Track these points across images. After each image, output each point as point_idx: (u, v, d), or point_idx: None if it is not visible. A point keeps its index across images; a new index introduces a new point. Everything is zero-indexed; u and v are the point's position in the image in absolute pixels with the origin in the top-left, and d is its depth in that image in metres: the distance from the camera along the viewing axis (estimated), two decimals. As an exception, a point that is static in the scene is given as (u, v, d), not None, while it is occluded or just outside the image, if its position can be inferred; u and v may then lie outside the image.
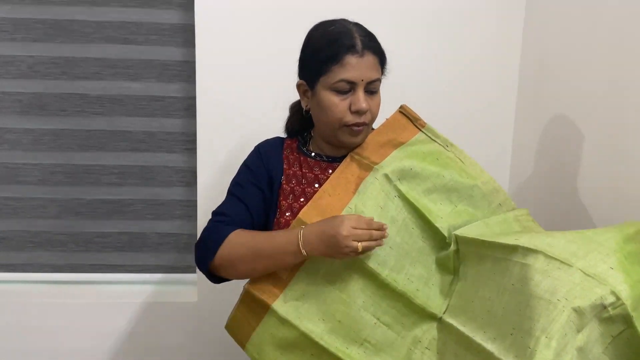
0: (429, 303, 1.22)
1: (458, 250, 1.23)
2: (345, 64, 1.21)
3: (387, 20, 1.88)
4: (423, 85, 1.94)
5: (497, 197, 1.32)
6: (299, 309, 1.22)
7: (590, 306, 0.96)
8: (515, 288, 1.06)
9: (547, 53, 1.78)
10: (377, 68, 1.24)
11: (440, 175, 1.29)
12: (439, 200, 1.28)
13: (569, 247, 1.05)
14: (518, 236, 1.14)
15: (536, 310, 0.99)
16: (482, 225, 1.25)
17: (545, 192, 1.75)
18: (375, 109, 1.27)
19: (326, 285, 1.22)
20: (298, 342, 1.22)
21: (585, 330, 0.97)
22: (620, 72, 1.41)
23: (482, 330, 1.09)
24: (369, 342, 1.21)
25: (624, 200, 1.38)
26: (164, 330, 2.06)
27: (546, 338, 0.96)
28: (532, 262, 1.05)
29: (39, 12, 1.93)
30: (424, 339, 1.21)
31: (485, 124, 1.98)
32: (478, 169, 1.34)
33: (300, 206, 1.29)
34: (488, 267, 1.15)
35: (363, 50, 1.21)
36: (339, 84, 1.22)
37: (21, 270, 2.10)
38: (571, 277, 0.99)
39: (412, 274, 1.23)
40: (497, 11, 1.92)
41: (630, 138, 1.37)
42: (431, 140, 1.35)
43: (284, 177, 1.33)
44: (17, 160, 2.03)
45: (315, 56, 1.25)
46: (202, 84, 1.89)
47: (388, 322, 1.21)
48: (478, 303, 1.14)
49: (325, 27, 1.27)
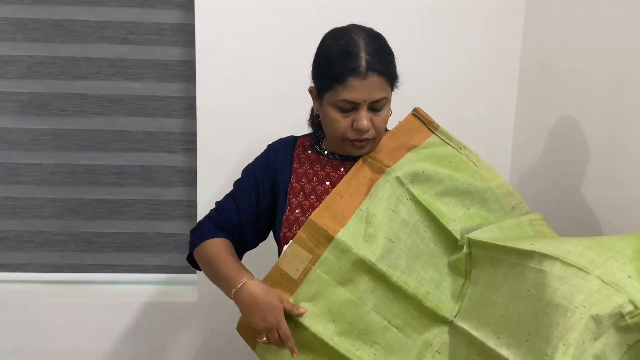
0: (440, 306, 1.21)
1: (470, 254, 1.22)
2: (347, 86, 1.20)
3: (387, 20, 1.87)
4: (423, 85, 1.93)
5: (511, 200, 1.31)
6: (310, 310, 1.23)
7: (608, 315, 0.95)
8: (531, 294, 1.05)
9: (547, 53, 1.78)
10: (382, 88, 1.22)
11: (453, 178, 1.28)
12: (451, 203, 1.28)
13: (586, 254, 1.04)
14: (533, 241, 1.13)
15: (554, 318, 0.98)
16: (495, 229, 1.24)
17: (546, 192, 1.75)
18: (380, 124, 1.26)
19: (337, 287, 1.22)
20: (308, 343, 1.23)
21: (602, 339, 0.96)
22: (620, 72, 1.40)
23: (496, 336, 1.09)
24: (379, 345, 1.21)
25: (624, 200, 1.38)
26: (164, 330, 2.06)
27: (564, 345, 0.95)
28: (548, 269, 1.04)
29: (39, 12, 1.93)
30: (434, 343, 1.21)
31: (485, 124, 1.98)
32: (492, 172, 1.33)
33: (310, 203, 1.31)
34: (501, 271, 1.14)
35: (367, 72, 1.19)
36: (341, 103, 1.22)
37: (21, 270, 2.10)
38: (589, 285, 0.98)
39: (423, 277, 1.23)
40: (497, 11, 1.92)
41: (630, 138, 1.37)
42: (445, 143, 1.34)
43: (293, 176, 1.35)
44: (17, 160, 2.02)
45: (321, 71, 1.26)
46: (202, 84, 1.89)
47: (399, 325, 1.21)
48: (491, 308, 1.13)
49: (335, 39, 1.25)
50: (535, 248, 1.08)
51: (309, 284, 1.23)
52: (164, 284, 2.13)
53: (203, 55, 1.87)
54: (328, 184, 1.33)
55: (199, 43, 1.87)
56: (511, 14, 1.92)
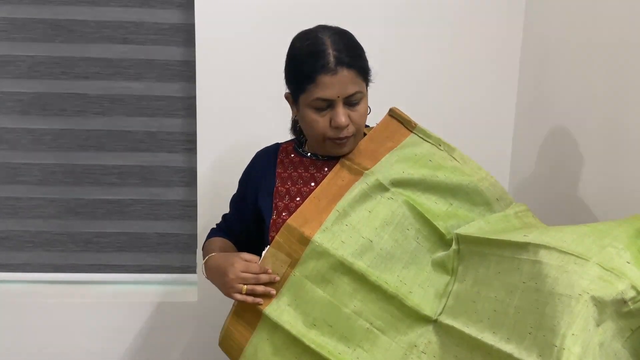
0: (423, 305, 1.19)
1: (459, 250, 1.21)
2: (319, 83, 1.20)
3: (387, 20, 1.88)
4: (423, 85, 1.94)
5: (494, 193, 1.30)
6: (291, 314, 1.22)
7: (611, 301, 0.95)
8: (528, 286, 1.04)
9: (547, 53, 1.78)
10: (354, 81, 1.22)
11: (433, 176, 1.27)
12: (434, 199, 1.27)
13: (583, 241, 1.03)
14: (526, 232, 1.12)
15: (558, 308, 0.97)
16: (483, 223, 1.23)
17: (545, 191, 1.75)
18: (359, 119, 1.26)
19: (316, 290, 1.21)
20: (291, 348, 1.21)
21: (604, 325, 0.96)
22: (620, 72, 1.40)
23: (491, 331, 1.08)
24: (362, 348, 1.19)
25: (624, 200, 1.38)
26: (164, 330, 2.06)
27: (573, 335, 0.94)
28: (545, 259, 1.03)
29: (39, 12, 1.93)
30: (419, 343, 1.19)
31: (485, 124, 1.98)
32: (473, 165, 1.32)
33: (296, 205, 1.31)
34: (492, 266, 1.13)
35: (336, 67, 1.19)
36: (316, 102, 1.23)
37: (21, 270, 2.10)
38: (590, 271, 0.97)
39: (405, 275, 1.21)
40: (497, 11, 1.92)
41: (630, 138, 1.37)
42: (423, 141, 1.33)
43: (278, 180, 1.36)
44: (17, 160, 2.02)
45: (292, 75, 1.27)
46: (202, 84, 1.89)
47: (381, 327, 1.20)
48: (482, 303, 1.12)
49: (301, 42, 1.26)
50: (529, 239, 1.08)
51: (289, 288, 1.22)
52: (164, 284, 2.13)
53: (203, 55, 1.87)
54: (313, 184, 1.33)
55: (199, 43, 1.87)
56: (511, 14, 1.92)
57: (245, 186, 1.44)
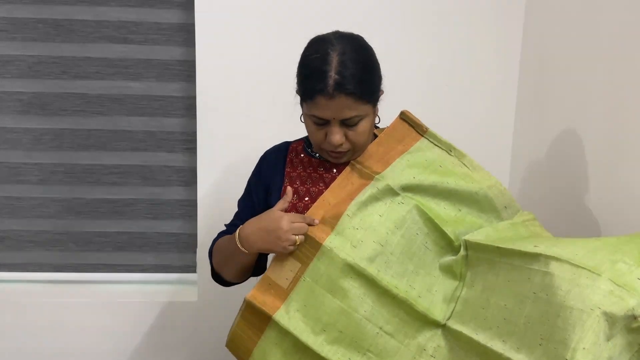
0: (432, 310, 1.20)
1: (467, 256, 1.21)
2: (316, 103, 1.19)
3: (387, 21, 1.88)
4: (423, 86, 1.94)
5: (502, 200, 1.30)
6: (300, 320, 1.21)
7: (622, 316, 0.96)
8: (539, 297, 1.05)
9: (547, 53, 1.78)
10: (352, 107, 1.19)
11: (443, 182, 1.27)
12: (443, 205, 1.27)
13: (595, 256, 1.04)
14: (536, 242, 1.12)
15: (569, 321, 0.98)
16: (492, 231, 1.23)
17: (545, 192, 1.75)
18: (356, 138, 1.24)
19: (326, 295, 1.20)
20: (300, 354, 1.21)
21: (614, 339, 0.97)
22: (620, 72, 1.40)
23: (501, 339, 1.08)
24: (371, 352, 1.20)
25: (624, 200, 1.38)
26: (164, 330, 2.06)
27: (584, 349, 0.95)
28: (556, 271, 1.03)
29: (39, 12, 1.93)
30: (428, 347, 1.20)
31: (485, 124, 1.98)
32: (484, 173, 1.32)
33: (304, 205, 1.31)
34: (502, 274, 1.14)
35: (334, 92, 1.16)
36: (313, 118, 1.23)
37: (21, 270, 2.10)
38: (602, 286, 0.98)
39: (414, 280, 1.21)
40: (497, 11, 1.92)
41: (630, 138, 1.37)
42: (434, 146, 1.32)
43: (287, 180, 1.35)
44: (17, 160, 2.03)
45: (298, 82, 1.26)
46: (202, 84, 1.89)
47: (390, 331, 1.20)
48: (491, 311, 1.12)
49: (310, 52, 1.23)
50: (540, 250, 1.08)
51: (299, 293, 1.22)
52: (164, 283, 2.13)
53: (203, 55, 1.87)
54: (322, 185, 1.33)
55: (199, 43, 1.87)
56: (511, 14, 1.92)
57: (256, 185, 1.42)
